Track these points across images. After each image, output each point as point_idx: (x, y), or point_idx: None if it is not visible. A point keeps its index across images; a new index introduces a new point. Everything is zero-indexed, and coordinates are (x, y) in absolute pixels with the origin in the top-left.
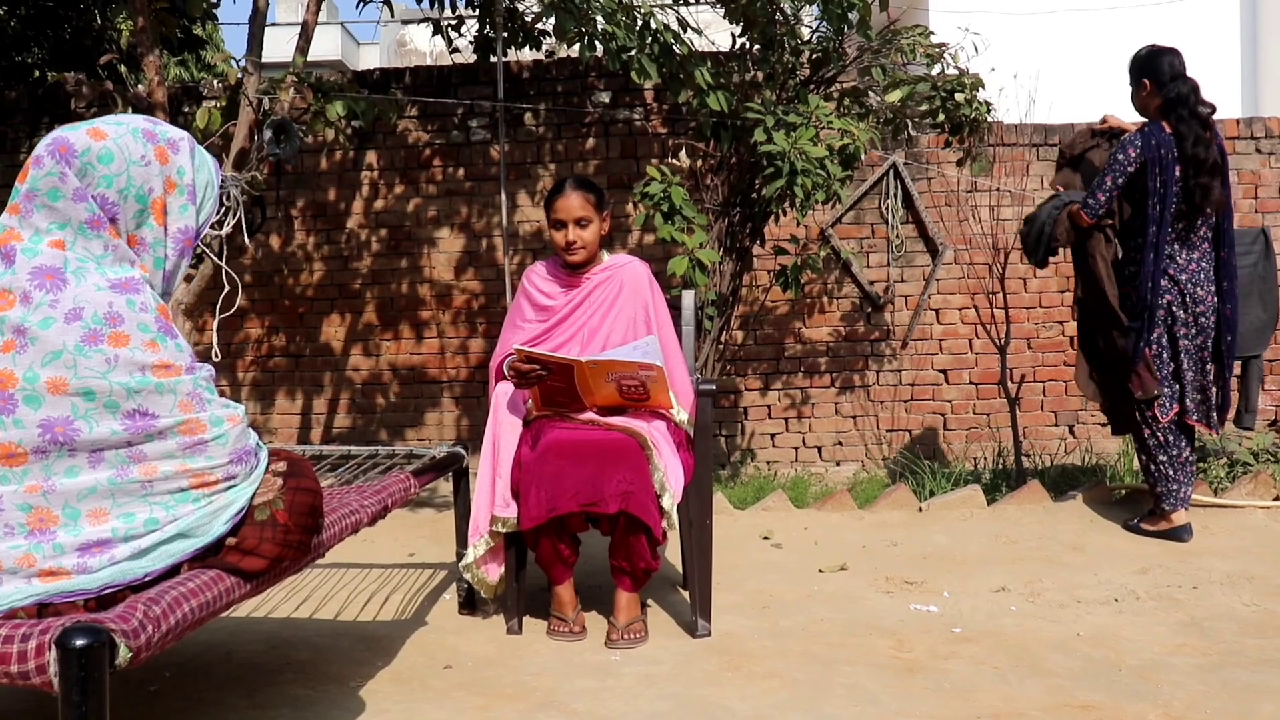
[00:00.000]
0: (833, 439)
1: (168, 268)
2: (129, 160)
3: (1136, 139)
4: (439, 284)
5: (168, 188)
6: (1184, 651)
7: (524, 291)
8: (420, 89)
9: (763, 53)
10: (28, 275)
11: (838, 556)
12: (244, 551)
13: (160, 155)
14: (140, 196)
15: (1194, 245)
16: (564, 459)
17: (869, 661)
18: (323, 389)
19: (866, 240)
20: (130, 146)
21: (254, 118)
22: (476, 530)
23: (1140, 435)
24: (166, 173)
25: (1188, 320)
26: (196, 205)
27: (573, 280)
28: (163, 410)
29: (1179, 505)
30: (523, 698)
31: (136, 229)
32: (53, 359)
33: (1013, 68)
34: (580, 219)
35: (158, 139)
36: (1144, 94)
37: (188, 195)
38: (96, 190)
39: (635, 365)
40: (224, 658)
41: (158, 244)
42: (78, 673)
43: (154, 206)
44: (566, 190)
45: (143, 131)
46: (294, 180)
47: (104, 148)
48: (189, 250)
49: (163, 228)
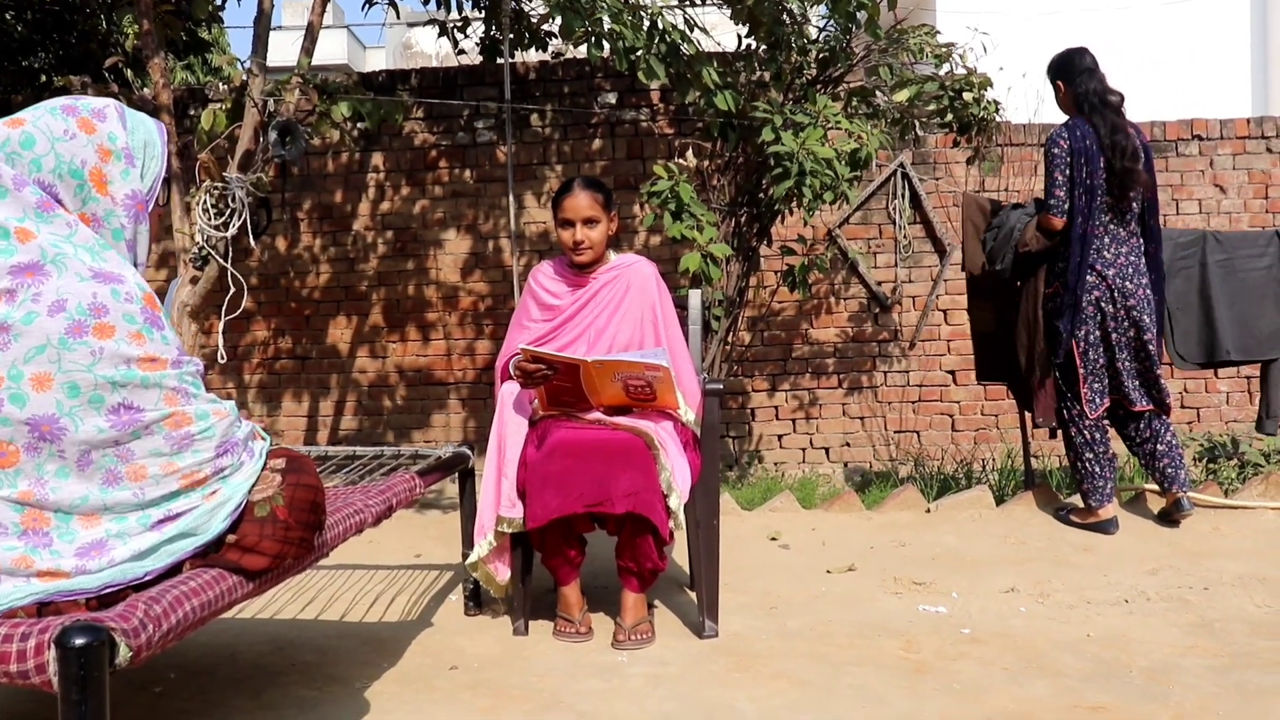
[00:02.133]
0: (840, 440)
1: (127, 237)
2: (53, 138)
3: (1062, 132)
4: (445, 285)
5: (102, 156)
6: (1195, 653)
7: (530, 291)
8: (426, 91)
9: (769, 52)
10: (8, 274)
11: (846, 557)
12: (245, 549)
13: (85, 126)
14: (75, 172)
15: (1122, 240)
16: (570, 459)
17: (877, 663)
18: (329, 391)
19: (874, 240)
20: (51, 125)
21: (259, 119)
22: (482, 530)
23: (1067, 433)
24: (97, 141)
25: (1117, 314)
26: (139, 168)
27: (579, 280)
28: (148, 404)
29: (1105, 501)
30: (529, 699)
31: (84, 205)
32: (37, 353)
33: (1021, 67)
34: (588, 218)
35: (79, 111)
36: (1061, 96)
37: (125, 160)
38: (31, 175)
39: (641, 366)
40: (229, 659)
41: (110, 215)
42: (77, 672)
43: (92, 178)
44: (575, 189)
45: (62, 108)
46: (300, 182)
47: (23, 133)
48: (143, 215)
49: (109, 198)
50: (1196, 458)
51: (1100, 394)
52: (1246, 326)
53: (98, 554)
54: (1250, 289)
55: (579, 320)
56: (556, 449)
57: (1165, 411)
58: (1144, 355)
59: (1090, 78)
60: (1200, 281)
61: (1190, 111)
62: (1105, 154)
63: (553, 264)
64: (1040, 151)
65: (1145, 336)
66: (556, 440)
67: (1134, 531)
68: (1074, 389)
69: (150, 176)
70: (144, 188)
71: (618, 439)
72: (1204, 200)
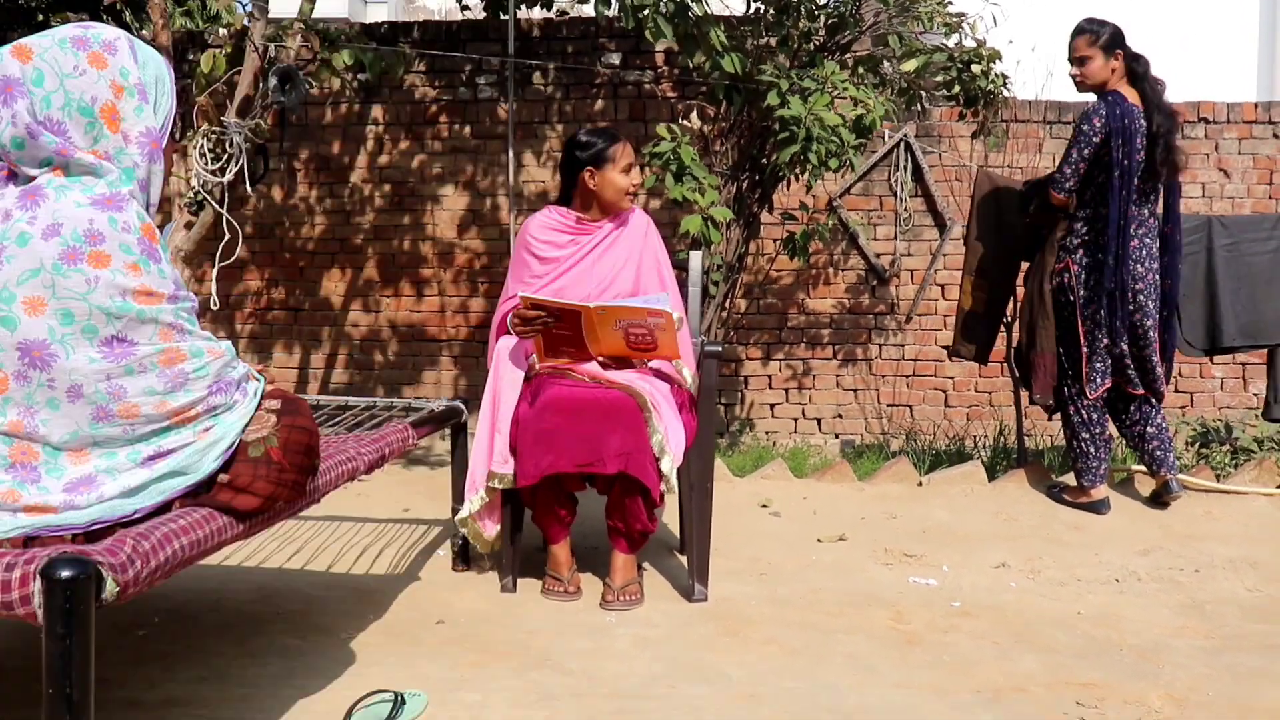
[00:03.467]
0: (833, 411)
1: (140, 175)
2: (61, 74)
3: (1101, 109)
4: (441, 242)
5: (115, 92)
6: (1185, 634)
7: (526, 245)
8: (428, 44)
9: (777, 17)
10: (15, 198)
11: (836, 527)
12: (237, 489)
13: (95, 61)
14: (85, 109)
15: (1141, 221)
16: (562, 416)
17: (867, 632)
18: (321, 343)
19: (874, 213)
20: (60, 60)
21: (259, 65)
22: (473, 486)
23: (1065, 412)
24: (109, 77)
25: (1125, 297)
26: (151, 104)
27: (583, 229)
28: (142, 339)
29: (1097, 481)
30: (516, 655)
31: (94, 144)
32: (30, 276)
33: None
34: (639, 165)
35: (89, 45)
36: (1114, 64)
37: (139, 96)
38: (41, 115)
39: (644, 311)
40: (214, 605)
41: (121, 153)
42: (63, 604)
43: (103, 115)
44: (623, 139)
45: (72, 40)
46: (298, 132)
47: (33, 68)
48: (158, 154)
49: (120, 135)
50: (1189, 442)
51: (1102, 375)
52: (1254, 311)
53: (86, 489)
54: (1257, 273)
55: (582, 268)
56: (549, 406)
57: (1158, 398)
58: (1143, 341)
59: (1137, 57)
60: (1206, 267)
61: (1197, 94)
62: (1148, 134)
63: (547, 216)
64: (1045, 129)
65: (1147, 322)
66: (549, 398)
67: (1125, 513)
68: (1076, 368)
69: (162, 113)
70: (157, 124)
71: (610, 397)
72: (1208, 184)
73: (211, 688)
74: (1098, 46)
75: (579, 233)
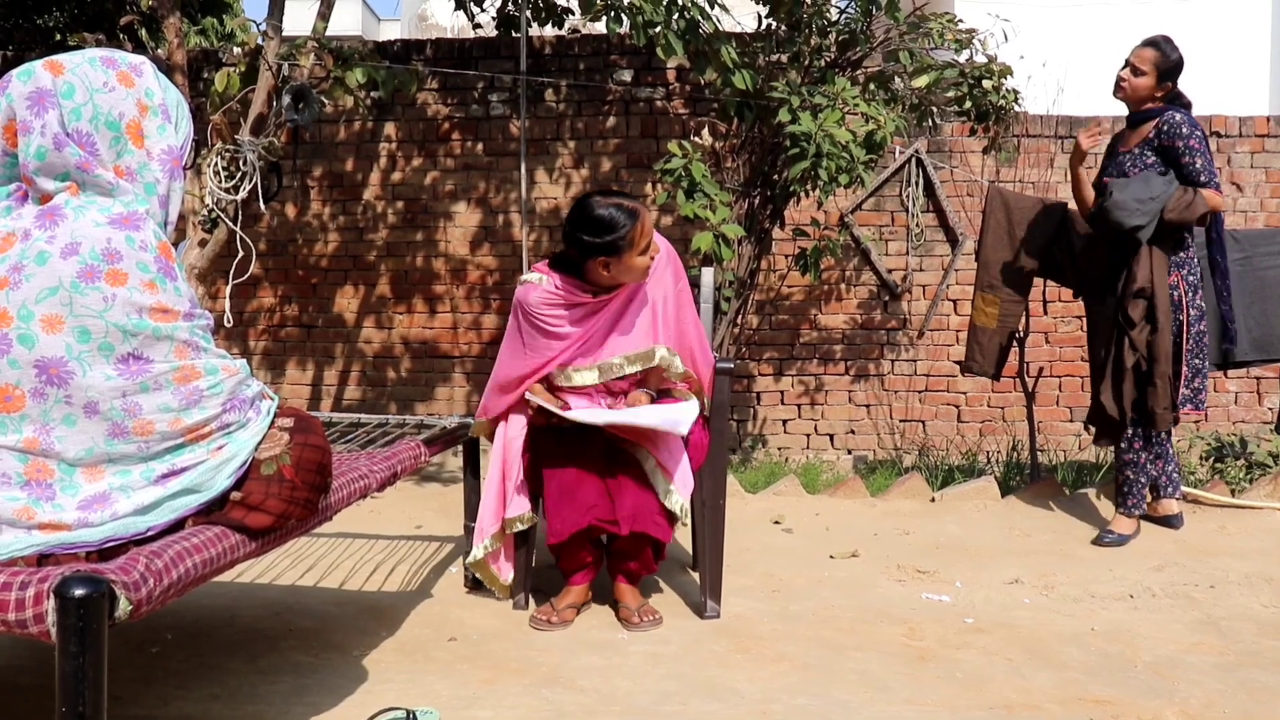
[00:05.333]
0: (845, 427)
1: (160, 192)
2: (91, 89)
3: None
4: (454, 258)
5: (140, 110)
6: (1201, 650)
7: (528, 318)
8: (441, 61)
9: (788, 33)
10: (34, 217)
11: (849, 543)
12: (249, 507)
13: (124, 79)
14: (111, 123)
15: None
16: (579, 473)
17: (880, 649)
18: (334, 360)
19: (886, 228)
20: (90, 75)
21: (273, 83)
22: (481, 534)
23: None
24: (135, 95)
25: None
26: (174, 124)
27: (600, 303)
28: (158, 356)
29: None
30: (528, 672)
31: (118, 158)
32: (49, 295)
33: (1040, 58)
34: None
35: (118, 65)
36: (1159, 92)
37: (162, 115)
38: (70, 126)
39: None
40: (227, 622)
41: (144, 168)
42: (76, 623)
43: (128, 130)
44: (640, 215)
45: (102, 60)
46: (311, 149)
47: (64, 82)
48: (178, 172)
49: (144, 151)
50: (1204, 457)
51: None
52: (1267, 325)
53: (100, 507)
54: (1270, 287)
55: (598, 332)
56: (567, 461)
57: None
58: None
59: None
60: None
61: (1209, 108)
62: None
63: (551, 292)
64: (1056, 143)
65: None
66: (566, 452)
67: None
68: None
69: (182, 134)
70: (178, 143)
71: (619, 457)
72: None
73: (224, 705)
74: (1158, 68)
75: (594, 308)
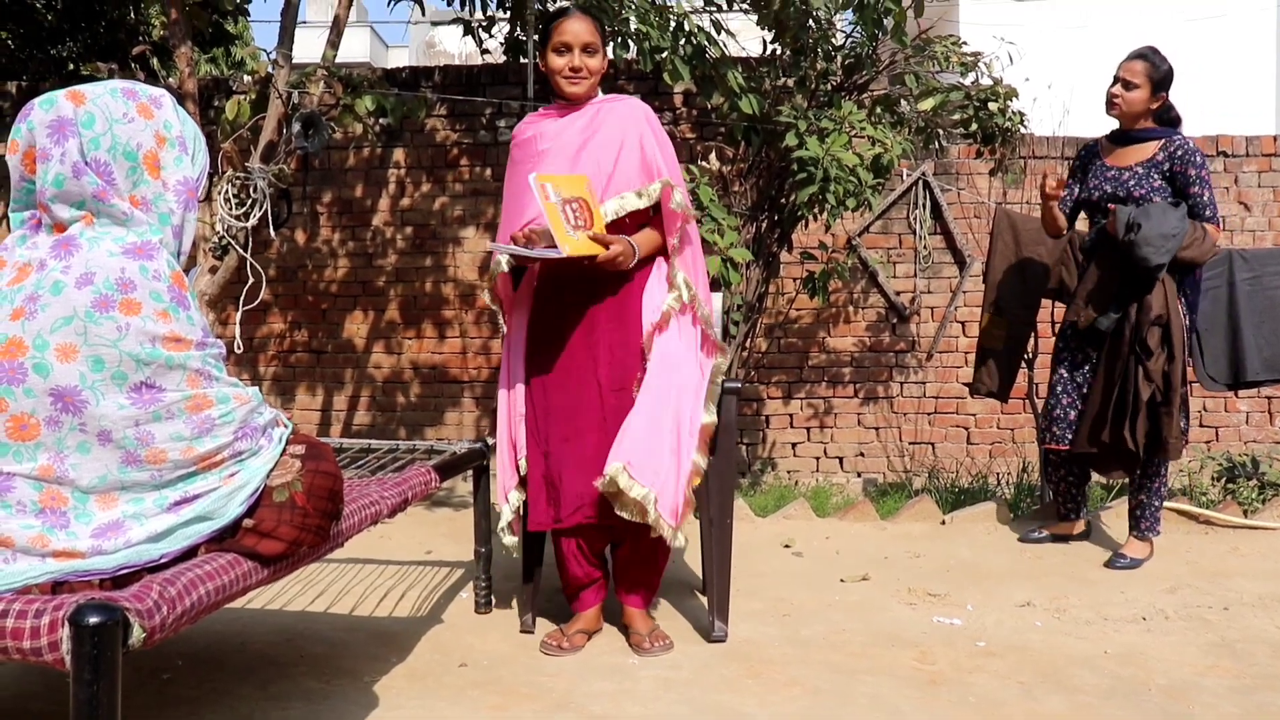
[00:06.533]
0: (855, 450)
1: (174, 222)
2: (111, 119)
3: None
4: (463, 283)
5: (158, 142)
6: (1215, 673)
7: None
8: (449, 88)
9: (794, 58)
10: (49, 247)
11: (860, 566)
12: (262, 534)
13: (143, 111)
14: (129, 153)
15: None
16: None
17: (891, 673)
18: (344, 385)
19: (894, 250)
20: (110, 106)
21: (283, 111)
22: (503, 493)
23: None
24: (154, 127)
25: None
26: (190, 156)
27: (564, 112)
28: (170, 385)
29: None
30: (538, 698)
31: (134, 188)
32: (63, 324)
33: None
34: (587, 44)
35: (138, 96)
36: (1154, 103)
37: (179, 147)
38: (89, 155)
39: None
40: (238, 649)
41: (159, 199)
42: (90, 651)
43: (145, 161)
44: (571, 13)
45: (122, 91)
46: (321, 176)
47: (85, 111)
48: (193, 203)
49: (160, 182)
50: (1215, 477)
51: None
52: (1277, 344)
53: (114, 535)
54: (1279, 305)
55: (561, 149)
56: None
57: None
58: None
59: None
60: (1228, 301)
61: (1216, 128)
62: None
63: (529, 115)
64: (1063, 165)
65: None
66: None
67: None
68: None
69: (199, 166)
70: (194, 175)
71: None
72: (1228, 218)
73: None
74: (1150, 79)
75: (559, 116)
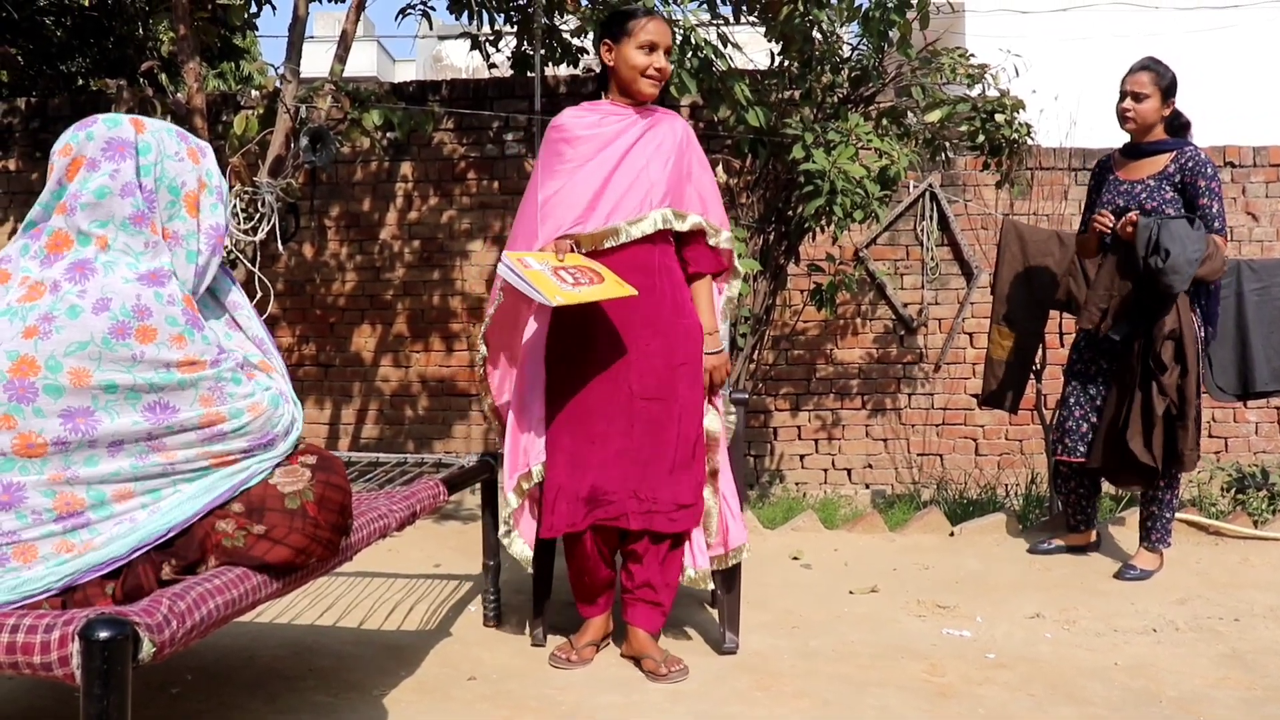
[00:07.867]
0: (863, 461)
1: (200, 262)
2: (164, 154)
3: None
4: (471, 296)
5: (200, 186)
6: (1227, 684)
7: (559, 137)
8: (456, 102)
9: (801, 70)
10: (64, 269)
11: (868, 578)
12: (273, 541)
13: (192, 155)
14: (173, 188)
15: None
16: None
17: (901, 685)
18: (352, 399)
19: (901, 262)
20: (165, 141)
21: (291, 125)
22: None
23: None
24: (198, 172)
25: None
26: (223, 205)
27: (613, 112)
28: (184, 404)
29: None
30: (548, 712)
31: (169, 221)
32: (79, 349)
33: (1053, 91)
34: (669, 48)
35: (189, 141)
36: (1165, 111)
37: (216, 195)
38: (141, 179)
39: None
40: (246, 662)
41: (190, 236)
42: (100, 665)
43: (186, 199)
44: (656, 13)
45: (176, 132)
46: (329, 190)
47: (144, 139)
48: (219, 249)
49: (195, 221)
50: (1225, 488)
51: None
52: None
53: (129, 522)
54: None
55: (610, 154)
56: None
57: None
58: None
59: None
60: (1236, 311)
61: (1223, 138)
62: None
63: (573, 109)
64: (1070, 176)
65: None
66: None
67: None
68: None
69: (226, 215)
70: (223, 224)
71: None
72: (1236, 228)
73: None
74: (1159, 87)
75: (607, 114)
